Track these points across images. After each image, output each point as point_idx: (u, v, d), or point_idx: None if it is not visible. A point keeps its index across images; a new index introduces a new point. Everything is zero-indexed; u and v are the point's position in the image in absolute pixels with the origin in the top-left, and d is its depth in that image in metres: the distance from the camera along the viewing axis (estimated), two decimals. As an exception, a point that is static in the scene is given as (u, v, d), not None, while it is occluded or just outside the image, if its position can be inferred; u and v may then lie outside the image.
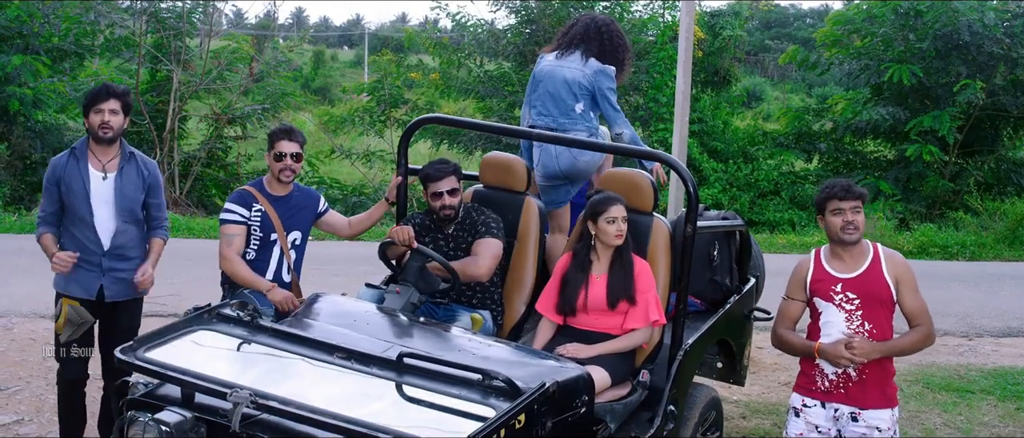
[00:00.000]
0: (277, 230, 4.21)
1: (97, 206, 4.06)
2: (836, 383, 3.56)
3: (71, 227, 4.10)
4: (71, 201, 4.06)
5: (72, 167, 4.08)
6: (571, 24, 4.88)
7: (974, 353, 7.10)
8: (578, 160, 4.61)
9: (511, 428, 2.59)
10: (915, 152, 13.96)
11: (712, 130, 16.16)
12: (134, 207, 4.15)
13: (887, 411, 3.55)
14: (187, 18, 13.81)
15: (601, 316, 3.82)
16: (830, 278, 3.57)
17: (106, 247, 4.08)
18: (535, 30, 14.72)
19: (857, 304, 3.52)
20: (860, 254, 3.57)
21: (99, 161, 4.10)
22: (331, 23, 65.27)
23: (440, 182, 4.14)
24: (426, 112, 13.45)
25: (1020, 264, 11.19)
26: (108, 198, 4.08)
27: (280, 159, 4.20)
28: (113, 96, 4.05)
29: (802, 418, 3.65)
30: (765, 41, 35.67)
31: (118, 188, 4.10)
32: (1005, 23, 14.54)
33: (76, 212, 4.06)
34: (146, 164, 4.23)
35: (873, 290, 3.51)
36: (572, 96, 4.64)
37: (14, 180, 13.20)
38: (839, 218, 3.53)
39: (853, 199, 3.52)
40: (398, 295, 3.83)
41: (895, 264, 3.55)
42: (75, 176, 4.05)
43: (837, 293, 3.55)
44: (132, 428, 2.61)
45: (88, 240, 4.06)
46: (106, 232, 4.08)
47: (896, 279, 3.52)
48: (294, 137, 4.24)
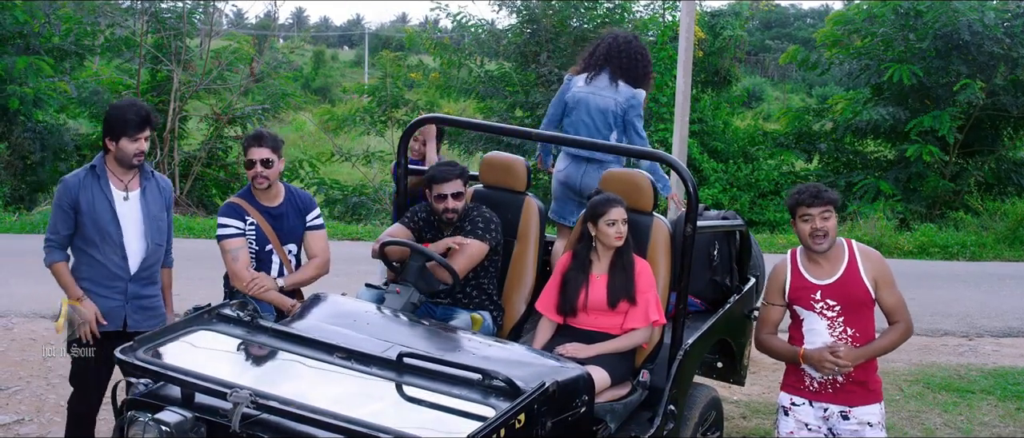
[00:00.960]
0: (272, 242, 4.12)
1: (125, 226, 3.87)
2: (823, 383, 3.56)
3: (90, 250, 3.86)
4: (95, 222, 3.83)
5: (92, 186, 3.85)
6: (595, 44, 4.99)
7: (974, 353, 7.09)
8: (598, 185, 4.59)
9: (511, 428, 2.59)
10: (915, 152, 13.96)
11: (712, 130, 16.16)
12: (161, 226, 3.97)
13: (875, 406, 3.56)
14: (188, 19, 13.81)
15: (601, 316, 3.82)
16: (809, 285, 3.55)
17: (133, 270, 3.90)
18: (536, 30, 14.72)
19: (838, 311, 3.50)
20: (836, 257, 3.53)
21: (120, 180, 3.91)
22: (331, 23, 65.31)
23: (445, 184, 4.09)
24: (427, 112, 13.44)
25: (1020, 264, 11.18)
26: (135, 218, 3.90)
27: (250, 166, 4.06)
28: (147, 125, 3.87)
29: (792, 417, 3.65)
30: (765, 41, 35.67)
31: (144, 207, 3.92)
32: (1005, 23, 14.53)
33: (101, 234, 3.83)
34: (163, 183, 4.08)
35: (852, 294, 3.49)
36: (607, 126, 4.80)
37: (14, 180, 13.20)
38: (808, 225, 3.47)
39: (822, 205, 3.46)
40: (398, 295, 3.83)
41: (872, 263, 3.52)
42: (99, 195, 3.84)
43: (817, 301, 3.53)
44: (132, 428, 2.61)
45: (112, 264, 3.86)
46: (134, 254, 3.90)
47: (874, 279, 3.50)
48: (264, 142, 4.04)
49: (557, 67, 14.39)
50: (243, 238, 4.08)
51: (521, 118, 14.85)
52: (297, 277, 4.14)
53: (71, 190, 3.85)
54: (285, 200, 4.19)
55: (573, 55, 14.63)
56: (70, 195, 3.85)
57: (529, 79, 14.95)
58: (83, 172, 3.91)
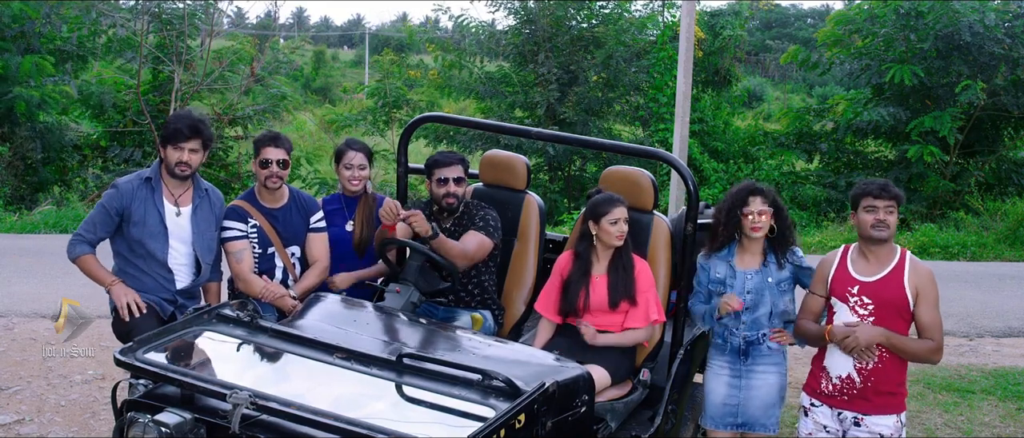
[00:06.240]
0: (275, 244, 4.14)
1: (173, 243, 3.83)
2: (839, 388, 3.54)
3: (136, 261, 3.82)
4: (143, 235, 3.78)
5: (145, 196, 3.79)
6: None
7: (975, 353, 7.09)
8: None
9: (511, 428, 2.58)
10: (916, 153, 13.95)
11: (713, 130, 16.15)
12: (211, 245, 3.93)
13: (891, 416, 3.51)
14: (189, 20, 13.81)
15: (602, 316, 3.82)
16: (848, 278, 3.52)
17: (177, 287, 3.87)
18: (534, 31, 14.73)
19: (871, 310, 3.46)
20: (886, 258, 3.50)
21: (172, 193, 3.86)
22: (332, 23, 65.41)
23: (447, 169, 4.11)
24: (427, 112, 13.45)
25: (1021, 264, 11.17)
26: (184, 236, 3.86)
27: (266, 166, 4.08)
28: (196, 135, 3.82)
29: (810, 418, 3.64)
30: (766, 41, 35.67)
31: (194, 225, 3.87)
32: (1006, 23, 14.52)
33: (147, 247, 3.79)
34: (215, 197, 4.02)
35: (889, 297, 3.44)
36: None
37: (15, 180, 13.21)
38: (871, 215, 3.47)
39: (888, 199, 3.47)
40: (398, 295, 3.83)
41: (919, 276, 3.46)
42: (150, 207, 3.78)
43: (852, 295, 3.50)
44: (132, 429, 2.60)
45: (159, 276, 3.82)
46: (181, 271, 3.88)
47: (916, 290, 3.43)
48: (280, 143, 4.11)
49: (556, 66, 14.40)
50: (246, 240, 4.09)
51: (520, 118, 14.86)
52: (304, 285, 4.17)
53: (124, 197, 3.79)
54: (289, 202, 4.22)
55: (571, 54, 14.67)
56: (122, 201, 3.79)
57: (528, 79, 14.96)
58: (138, 180, 3.86)
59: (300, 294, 4.13)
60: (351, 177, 4.39)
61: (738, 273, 3.77)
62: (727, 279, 3.78)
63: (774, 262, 3.77)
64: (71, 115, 15.07)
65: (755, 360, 3.78)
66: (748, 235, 3.75)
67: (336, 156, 4.48)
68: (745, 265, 3.78)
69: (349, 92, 24.91)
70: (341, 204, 4.47)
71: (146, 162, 12.91)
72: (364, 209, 4.42)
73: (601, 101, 14.92)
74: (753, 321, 3.76)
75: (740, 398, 3.79)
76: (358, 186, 4.41)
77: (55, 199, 13.15)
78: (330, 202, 4.49)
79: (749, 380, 3.78)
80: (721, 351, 3.84)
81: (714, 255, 3.85)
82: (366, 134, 14.98)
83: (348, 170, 4.40)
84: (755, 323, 3.76)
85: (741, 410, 3.79)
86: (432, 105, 15.52)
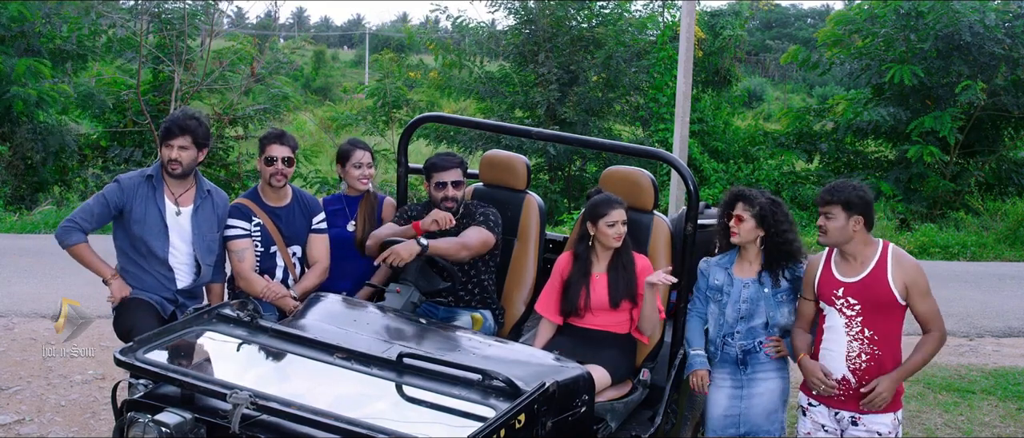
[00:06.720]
0: (277, 243, 4.14)
1: (173, 242, 3.84)
2: (836, 387, 3.53)
3: (137, 259, 3.83)
4: (143, 233, 3.79)
5: (147, 194, 3.81)
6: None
7: (975, 353, 7.09)
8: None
9: (511, 428, 2.58)
10: (916, 153, 13.94)
11: (713, 130, 16.14)
12: (212, 246, 3.94)
13: (888, 415, 3.51)
14: (189, 20, 13.80)
15: (603, 315, 3.82)
16: (833, 281, 3.54)
17: (178, 286, 3.88)
18: (534, 31, 14.73)
19: (858, 310, 3.46)
20: (866, 258, 3.50)
21: (173, 193, 3.87)
22: (332, 23, 65.42)
23: (445, 172, 4.11)
24: (427, 112, 13.45)
25: (1021, 264, 11.17)
26: (184, 236, 3.87)
27: (271, 163, 4.10)
28: (184, 132, 3.82)
29: (809, 417, 3.65)
30: (766, 41, 35.68)
31: (195, 226, 3.87)
32: (1006, 24, 14.52)
33: (147, 245, 3.79)
34: (219, 198, 4.02)
35: (874, 297, 3.44)
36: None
37: (15, 180, 13.21)
38: (818, 220, 3.54)
39: (824, 204, 3.50)
40: (398, 295, 3.83)
41: (903, 269, 3.45)
42: (151, 205, 3.80)
43: (838, 297, 3.51)
44: (132, 429, 2.60)
45: (159, 274, 3.84)
46: (181, 270, 3.89)
47: (904, 285, 3.43)
48: (285, 141, 4.13)
49: (556, 67, 14.40)
50: (249, 239, 4.10)
51: (521, 118, 14.85)
52: (304, 285, 4.17)
53: (125, 193, 3.80)
54: (292, 201, 4.23)
55: (571, 54, 14.66)
56: (122, 197, 3.79)
57: (528, 79, 14.96)
58: (140, 177, 3.87)
59: (299, 294, 4.13)
60: (361, 176, 4.40)
61: (735, 281, 3.77)
62: (725, 287, 3.78)
63: (768, 274, 3.75)
64: (71, 115, 15.06)
65: (754, 369, 3.77)
66: (730, 240, 3.76)
67: (341, 156, 4.47)
68: (743, 274, 3.78)
69: (349, 92, 24.90)
70: (343, 204, 4.47)
71: (146, 162, 12.90)
72: (366, 208, 4.42)
73: (601, 101, 14.92)
74: (748, 330, 3.75)
75: (742, 408, 3.78)
76: (367, 185, 4.42)
77: (55, 199, 13.15)
78: (331, 202, 4.49)
79: (750, 389, 3.78)
80: (720, 363, 3.83)
81: (715, 262, 3.85)
82: (366, 134, 14.97)
83: (358, 169, 4.40)
84: (751, 332, 3.75)
85: (743, 419, 3.78)
86: (432, 105, 15.52)
